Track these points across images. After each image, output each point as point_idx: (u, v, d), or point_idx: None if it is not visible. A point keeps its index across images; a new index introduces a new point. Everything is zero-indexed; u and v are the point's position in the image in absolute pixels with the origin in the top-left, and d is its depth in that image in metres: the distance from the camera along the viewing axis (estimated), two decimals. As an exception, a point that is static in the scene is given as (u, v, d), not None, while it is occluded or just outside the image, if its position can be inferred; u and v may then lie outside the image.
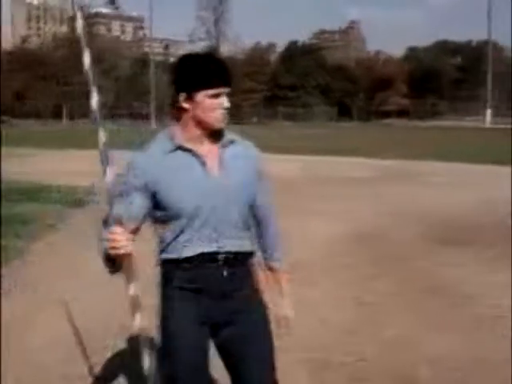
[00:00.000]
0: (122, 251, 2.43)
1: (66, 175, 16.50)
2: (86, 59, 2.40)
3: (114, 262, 2.52)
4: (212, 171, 2.59)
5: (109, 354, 4.77)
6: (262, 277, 2.85)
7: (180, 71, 2.58)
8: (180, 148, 2.58)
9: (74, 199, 12.69)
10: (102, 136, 2.48)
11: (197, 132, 2.60)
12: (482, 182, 15.28)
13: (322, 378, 4.45)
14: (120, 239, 2.42)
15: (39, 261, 7.81)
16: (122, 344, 4.91)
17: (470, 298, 6.15)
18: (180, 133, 2.61)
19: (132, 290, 2.56)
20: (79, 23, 2.39)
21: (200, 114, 2.56)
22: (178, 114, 2.62)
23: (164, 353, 2.70)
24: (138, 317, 2.58)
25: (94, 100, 2.47)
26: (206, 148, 2.62)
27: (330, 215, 10.67)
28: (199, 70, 2.54)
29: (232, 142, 2.67)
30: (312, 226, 9.70)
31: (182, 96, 2.56)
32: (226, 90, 2.59)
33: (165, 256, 2.66)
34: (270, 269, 2.91)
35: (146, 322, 2.67)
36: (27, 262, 7.68)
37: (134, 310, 2.57)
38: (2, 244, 6.89)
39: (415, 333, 5.26)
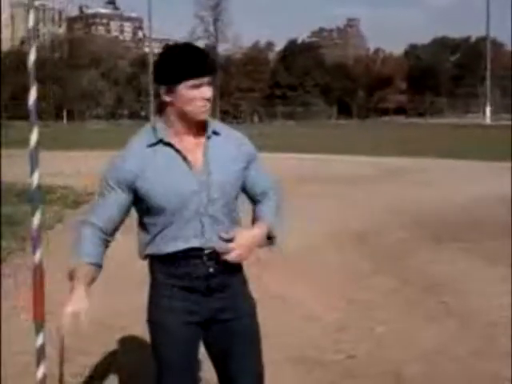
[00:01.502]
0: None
1: (62, 176, 16.46)
2: (32, 57, 2.36)
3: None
4: (195, 166, 2.55)
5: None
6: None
7: (159, 64, 2.55)
8: (161, 142, 2.55)
9: (71, 201, 12.68)
10: (35, 135, 2.44)
11: (180, 125, 2.56)
12: (482, 179, 15.25)
13: (313, 376, 4.46)
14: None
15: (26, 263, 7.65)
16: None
17: (464, 296, 6.17)
18: (164, 126, 2.57)
19: (40, 340, 2.51)
20: (30, 19, 2.36)
21: (182, 107, 2.52)
22: (161, 107, 2.59)
23: (152, 351, 2.69)
24: (42, 367, 2.52)
25: (32, 98, 2.43)
26: (192, 141, 2.58)
27: (324, 213, 10.68)
28: (177, 61, 2.49)
29: (216, 132, 2.62)
30: (305, 223, 9.70)
31: (163, 89, 2.52)
32: (207, 79, 2.53)
33: (149, 251, 2.63)
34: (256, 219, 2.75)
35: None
36: (15, 265, 7.60)
37: (39, 359, 2.52)
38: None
39: (407, 330, 5.28)
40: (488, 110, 64.12)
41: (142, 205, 2.60)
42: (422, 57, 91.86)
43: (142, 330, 4.99)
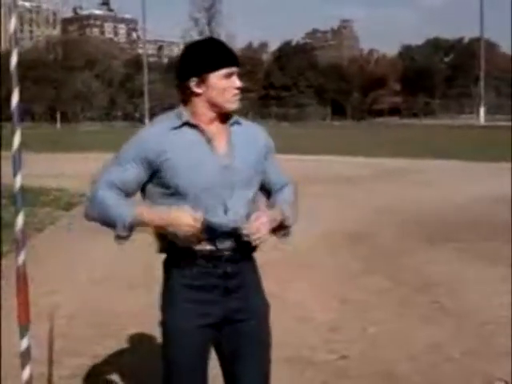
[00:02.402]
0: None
1: (56, 178, 16.44)
2: (13, 59, 2.32)
3: (132, 230, 2.48)
4: (219, 150, 2.55)
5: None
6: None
7: (188, 57, 2.56)
8: (187, 124, 2.54)
9: (64, 202, 12.64)
10: (18, 138, 2.40)
11: (207, 116, 2.56)
12: (479, 180, 15.26)
13: (305, 376, 4.44)
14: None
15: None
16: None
17: (458, 296, 6.15)
18: (189, 114, 2.56)
19: (25, 343, 2.46)
20: (12, 23, 2.33)
21: (214, 97, 2.53)
22: (186, 100, 2.57)
23: (163, 351, 2.65)
24: (27, 369, 2.47)
25: (15, 100, 2.39)
26: (215, 129, 2.58)
27: (319, 213, 10.66)
28: (209, 52, 2.52)
29: (239, 122, 2.64)
30: (299, 224, 9.66)
31: (194, 81, 2.52)
32: (237, 69, 2.57)
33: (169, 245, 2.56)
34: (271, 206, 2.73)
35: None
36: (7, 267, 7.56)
37: (24, 362, 2.47)
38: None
39: (400, 330, 5.26)
40: (482, 110, 64.23)
41: (162, 187, 2.54)
42: (416, 58, 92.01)
43: (138, 331, 5.01)
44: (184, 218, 2.42)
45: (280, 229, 2.69)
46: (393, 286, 6.51)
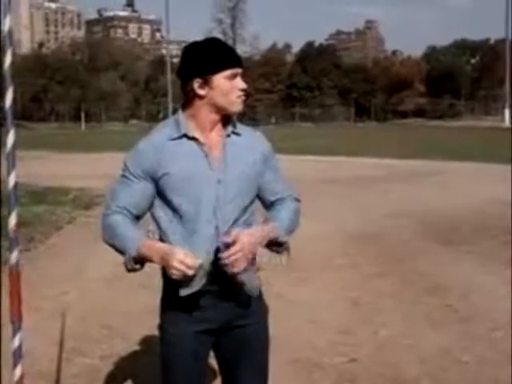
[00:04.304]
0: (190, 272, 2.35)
1: (76, 178, 16.56)
2: (7, 59, 2.32)
3: (143, 263, 2.46)
4: (215, 163, 2.48)
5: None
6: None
7: (191, 57, 2.49)
8: (185, 136, 2.49)
9: (84, 202, 12.73)
10: (11, 138, 2.39)
11: (209, 119, 2.51)
12: (494, 182, 15.08)
13: (313, 379, 4.43)
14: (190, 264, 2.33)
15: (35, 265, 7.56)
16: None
17: (469, 299, 6.10)
18: (189, 121, 2.51)
19: (16, 342, 2.46)
20: (6, 23, 2.34)
21: (218, 99, 2.47)
22: (188, 102, 2.53)
23: (161, 355, 2.63)
24: (19, 368, 2.47)
25: (9, 100, 2.39)
26: (215, 138, 2.52)
27: (330, 214, 10.65)
28: (213, 53, 2.46)
29: (236, 133, 2.56)
30: (313, 225, 9.64)
31: (198, 82, 2.46)
32: (241, 70, 2.51)
33: None
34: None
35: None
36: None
37: (16, 361, 2.46)
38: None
39: (410, 333, 5.22)
40: (507, 112, 63.55)
41: (160, 199, 2.52)
42: (441, 59, 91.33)
43: (142, 333, 5.04)
44: (176, 264, 2.32)
45: (273, 245, 2.58)
46: (404, 289, 6.46)
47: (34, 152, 25.57)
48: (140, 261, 2.46)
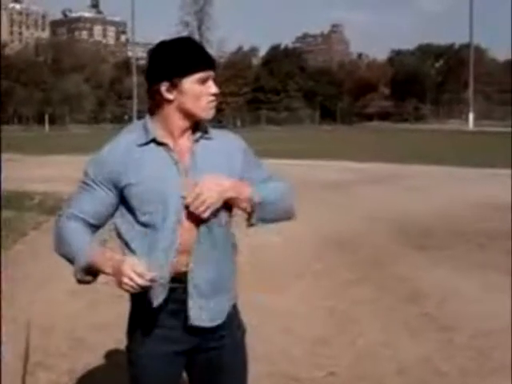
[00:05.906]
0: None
1: (43, 181, 16.21)
2: None
3: (95, 275, 2.29)
4: (185, 170, 2.30)
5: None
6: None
7: (158, 59, 2.31)
8: (154, 141, 2.30)
9: (49, 206, 12.43)
10: None
11: (178, 125, 2.31)
12: (464, 186, 15.12)
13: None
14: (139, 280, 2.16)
15: None
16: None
17: (446, 305, 6.00)
18: (157, 127, 2.32)
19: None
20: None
21: (187, 104, 2.28)
22: (155, 107, 2.34)
23: (130, 381, 2.45)
24: None
25: None
26: (185, 144, 2.33)
27: (304, 219, 10.50)
28: (182, 54, 2.27)
29: (208, 137, 2.38)
30: (285, 229, 9.50)
31: (165, 86, 2.27)
32: (212, 73, 2.33)
33: None
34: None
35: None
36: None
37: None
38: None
39: (389, 342, 5.09)
40: (471, 116, 64.33)
41: (124, 209, 2.34)
42: (406, 63, 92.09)
43: (115, 346, 4.83)
44: (127, 271, 2.15)
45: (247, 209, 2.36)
46: (381, 296, 6.34)
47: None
48: (91, 272, 2.28)
